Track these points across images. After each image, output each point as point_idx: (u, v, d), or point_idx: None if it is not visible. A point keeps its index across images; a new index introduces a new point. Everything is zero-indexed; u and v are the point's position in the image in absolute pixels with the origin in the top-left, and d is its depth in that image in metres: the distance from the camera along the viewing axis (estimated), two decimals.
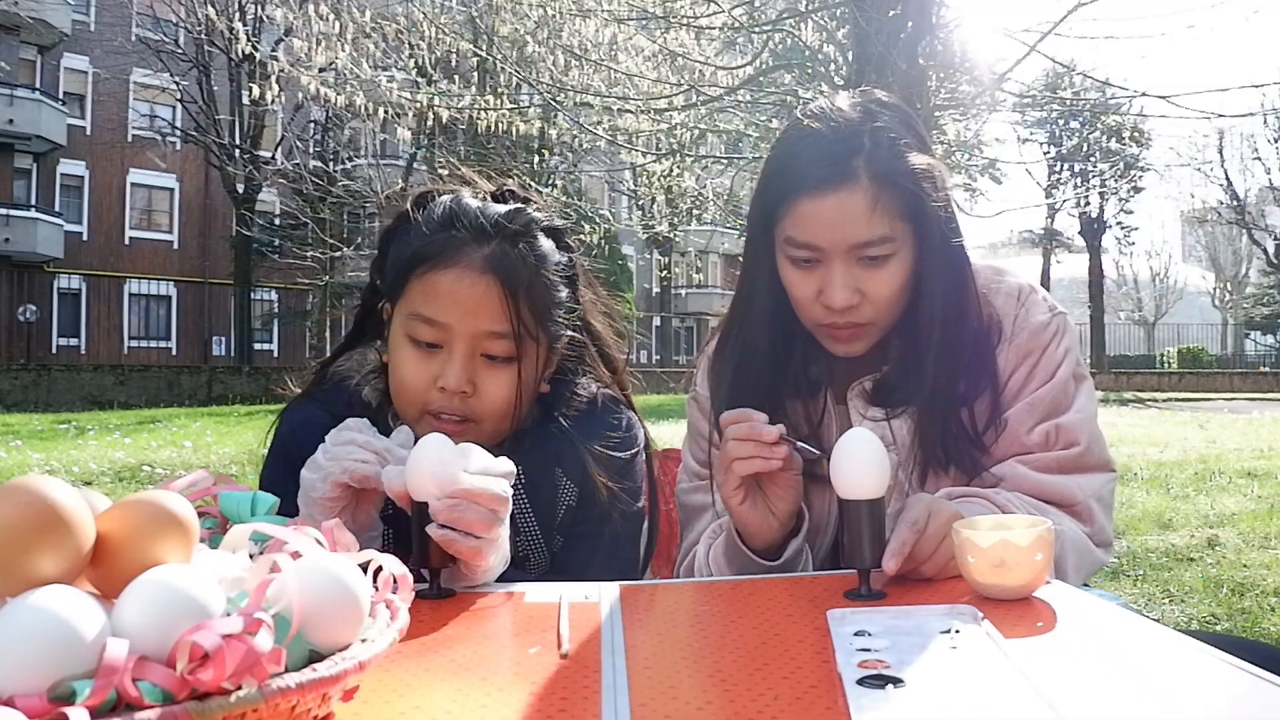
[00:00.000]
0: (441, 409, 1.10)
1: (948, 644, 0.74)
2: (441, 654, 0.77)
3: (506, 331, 1.10)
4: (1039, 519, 0.91)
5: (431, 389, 1.10)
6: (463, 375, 1.09)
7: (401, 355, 1.12)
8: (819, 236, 1.10)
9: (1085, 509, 1.13)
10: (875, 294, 1.12)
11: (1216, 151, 31.86)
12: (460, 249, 1.11)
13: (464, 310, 1.09)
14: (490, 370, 1.11)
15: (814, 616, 0.85)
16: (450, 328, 1.09)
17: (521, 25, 7.37)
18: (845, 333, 1.14)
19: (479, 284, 1.09)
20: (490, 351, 1.11)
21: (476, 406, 1.11)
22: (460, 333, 1.09)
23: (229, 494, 0.75)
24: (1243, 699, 0.66)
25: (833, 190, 1.09)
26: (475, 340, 1.10)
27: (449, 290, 1.09)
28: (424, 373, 1.10)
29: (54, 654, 0.48)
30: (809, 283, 1.13)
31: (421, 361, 1.10)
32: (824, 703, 0.64)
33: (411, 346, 1.11)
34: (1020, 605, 0.86)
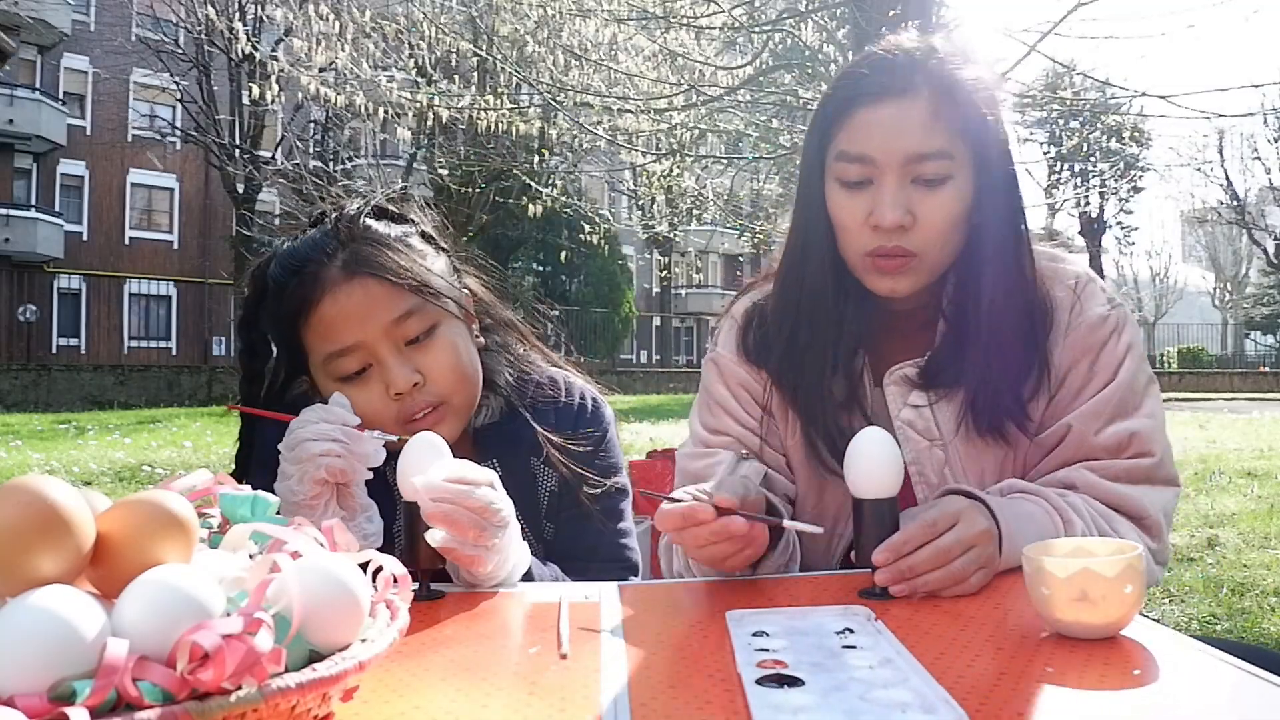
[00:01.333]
0: (410, 412, 1.11)
1: (843, 643, 0.75)
2: (441, 654, 0.77)
3: (409, 306, 1.10)
4: (1127, 543, 0.82)
5: (389, 404, 1.10)
6: (403, 373, 1.09)
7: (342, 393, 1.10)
8: (873, 146, 1.04)
9: (1155, 524, 1.06)
10: (928, 219, 1.05)
11: (1216, 151, 31.88)
12: (317, 279, 1.10)
13: (361, 321, 1.09)
14: (423, 351, 1.12)
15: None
16: (363, 343, 1.09)
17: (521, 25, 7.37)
18: (893, 263, 1.06)
19: (354, 290, 1.10)
20: (410, 335, 1.11)
21: (436, 388, 1.12)
22: (373, 339, 1.10)
23: (229, 494, 0.74)
24: (1243, 699, 0.66)
25: (892, 98, 1.05)
26: (390, 335, 1.10)
27: (336, 314, 1.09)
28: (374, 396, 1.10)
29: (54, 654, 0.48)
30: (858, 205, 1.06)
31: (366, 388, 1.11)
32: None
33: (349, 385, 1.11)
34: (1104, 648, 0.75)
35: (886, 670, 0.68)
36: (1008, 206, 1.09)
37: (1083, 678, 0.68)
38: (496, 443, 1.20)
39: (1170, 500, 1.10)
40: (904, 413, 1.14)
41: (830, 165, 1.10)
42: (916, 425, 1.14)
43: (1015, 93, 7.48)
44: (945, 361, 1.12)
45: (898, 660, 0.70)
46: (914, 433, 1.14)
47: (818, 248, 1.13)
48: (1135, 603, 0.77)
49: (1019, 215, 1.11)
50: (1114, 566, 0.75)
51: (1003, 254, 1.09)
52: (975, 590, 0.91)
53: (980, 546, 0.92)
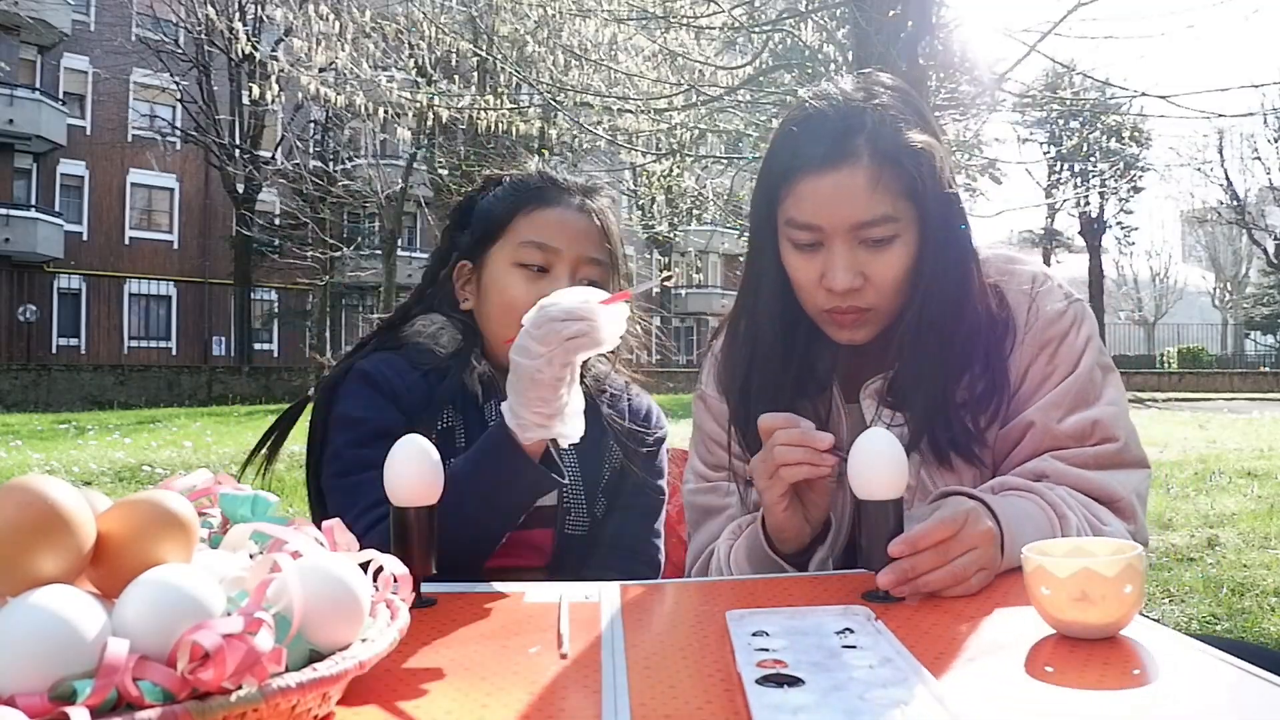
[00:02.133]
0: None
1: (843, 643, 0.75)
2: (441, 654, 0.77)
3: (604, 260, 1.30)
4: (1127, 543, 0.82)
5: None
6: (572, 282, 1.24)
7: (509, 280, 1.27)
8: (819, 216, 1.08)
9: (1128, 506, 1.08)
10: (879, 277, 1.09)
11: (1216, 151, 31.89)
12: (560, 194, 1.32)
13: (570, 237, 1.28)
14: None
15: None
16: (559, 251, 1.27)
17: (521, 25, 7.38)
18: (849, 318, 1.12)
19: (581, 219, 1.30)
20: (588, 276, 1.28)
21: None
22: (568, 256, 1.27)
23: (229, 494, 0.75)
24: (1243, 699, 0.66)
25: (832, 168, 1.07)
26: (578, 265, 1.28)
27: (558, 221, 1.29)
28: (532, 292, 1.21)
29: (55, 653, 0.48)
30: (811, 267, 1.11)
31: (530, 283, 1.26)
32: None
33: (520, 271, 1.27)
34: (1104, 648, 0.75)
35: (886, 670, 0.68)
36: (957, 247, 1.13)
37: (1083, 678, 0.68)
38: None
39: (1141, 481, 1.12)
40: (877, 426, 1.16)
41: (782, 228, 1.13)
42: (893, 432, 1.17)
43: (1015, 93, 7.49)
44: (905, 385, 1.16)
45: (898, 660, 0.70)
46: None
47: (770, 298, 1.17)
48: (1135, 603, 0.76)
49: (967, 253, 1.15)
50: (1114, 566, 0.75)
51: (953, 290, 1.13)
52: (976, 591, 0.92)
53: (982, 548, 0.93)
